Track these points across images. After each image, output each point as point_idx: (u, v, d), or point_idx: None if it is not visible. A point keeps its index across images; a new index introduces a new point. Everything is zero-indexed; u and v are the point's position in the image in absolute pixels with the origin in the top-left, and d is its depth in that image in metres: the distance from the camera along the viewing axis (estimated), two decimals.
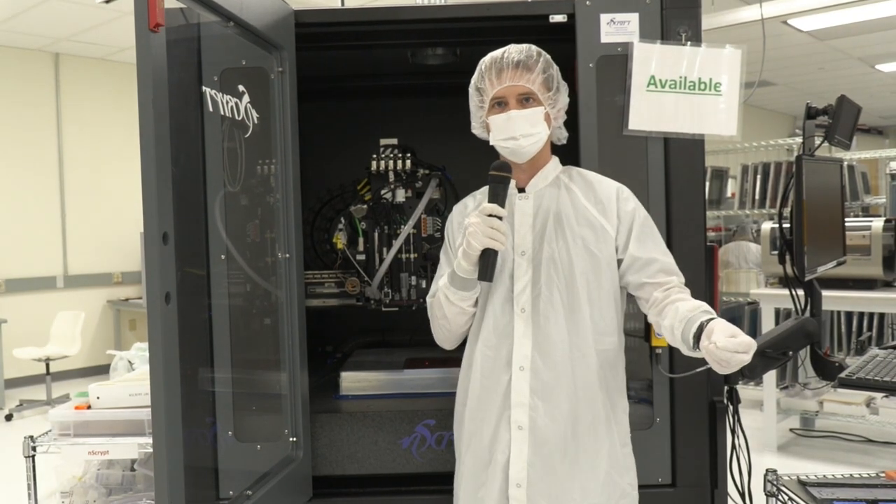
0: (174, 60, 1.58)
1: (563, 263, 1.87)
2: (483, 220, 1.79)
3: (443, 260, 2.04)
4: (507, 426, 1.87)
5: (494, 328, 1.90)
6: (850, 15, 7.90)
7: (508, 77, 1.87)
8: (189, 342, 1.78)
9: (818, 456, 4.81)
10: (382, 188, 2.68)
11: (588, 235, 1.88)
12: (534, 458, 1.85)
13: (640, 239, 1.90)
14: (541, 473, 1.84)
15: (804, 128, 2.33)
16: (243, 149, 2.11)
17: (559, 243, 1.88)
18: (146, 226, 1.43)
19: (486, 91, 1.89)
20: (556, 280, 1.86)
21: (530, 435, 1.85)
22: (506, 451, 1.87)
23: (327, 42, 2.51)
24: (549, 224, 1.89)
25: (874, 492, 2.02)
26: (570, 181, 1.96)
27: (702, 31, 2.23)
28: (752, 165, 6.21)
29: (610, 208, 1.91)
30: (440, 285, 1.94)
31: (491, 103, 1.89)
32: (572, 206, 1.91)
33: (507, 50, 1.90)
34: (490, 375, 1.89)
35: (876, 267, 4.54)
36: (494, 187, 1.83)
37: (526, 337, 1.87)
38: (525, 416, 1.85)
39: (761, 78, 3.81)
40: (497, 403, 1.88)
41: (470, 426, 1.94)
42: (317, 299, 2.77)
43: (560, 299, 1.86)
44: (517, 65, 1.87)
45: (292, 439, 2.22)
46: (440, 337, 2.03)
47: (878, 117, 15.31)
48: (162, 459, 1.43)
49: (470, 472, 1.93)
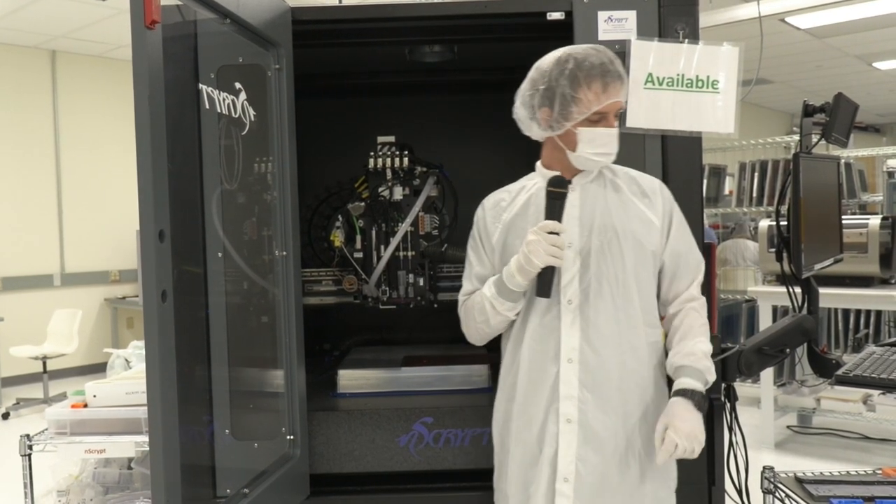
0: (170, 57, 1.58)
1: (615, 255, 1.87)
2: (544, 238, 1.79)
3: (472, 257, 2.03)
4: (555, 419, 1.87)
5: (541, 321, 1.90)
6: (847, 13, 7.91)
7: (615, 92, 1.82)
8: (186, 340, 1.78)
9: (815, 453, 4.82)
10: (380, 186, 2.68)
11: (638, 228, 1.90)
12: (583, 452, 1.85)
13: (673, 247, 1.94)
14: (590, 468, 1.84)
15: (801, 125, 2.33)
16: (240, 146, 2.11)
17: (609, 235, 1.88)
18: (142, 223, 1.42)
19: (584, 102, 1.80)
20: (607, 272, 1.87)
21: (580, 428, 1.85)
22: (553, 444, 1.87)
23: (324, 39, 2.51)
24: (598, 216, 1.89)
25: (871, 489, 2.02)
26: (615, 176, 1.96)
27: (699, 29, 2.23)
28: (750, 163, 6.21)
29: (655, 202, 1.94)
30: (487, 295, 1.92)
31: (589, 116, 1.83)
32: (619, 199, 1.92)
33: (604, 59, 1.81)
34: (538, 369, 1.89)
35: (873, 264, 4.54)
36: (552, 203, 1.83)
37: (574, 328, 1.87)
38: (574, 408, 1.85)
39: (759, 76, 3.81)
40: (545, 396, 1.88)
41: (518, 422, 1.93)
42: (314, 297, 2.77)
43: (611, 291, 1.87)
44: (620, 78, 1.82)
45: (290, 437, 2.22)
46: (475, 338, 2.04)
47: (875, 115, 15.33)
48: (158, 458, 1.43)
49: (519, 467, 1.93)
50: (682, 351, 1.90)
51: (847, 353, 5.71)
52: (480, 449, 2.32)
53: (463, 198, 2.88)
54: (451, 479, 2.35)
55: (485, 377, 2.54)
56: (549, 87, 1.83)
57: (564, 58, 1.84)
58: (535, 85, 1.87)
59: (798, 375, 5.32)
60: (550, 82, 1.83)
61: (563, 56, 1.84)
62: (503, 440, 2.01)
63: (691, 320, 1.94)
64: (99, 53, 8.06)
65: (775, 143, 6.44)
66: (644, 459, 1.89)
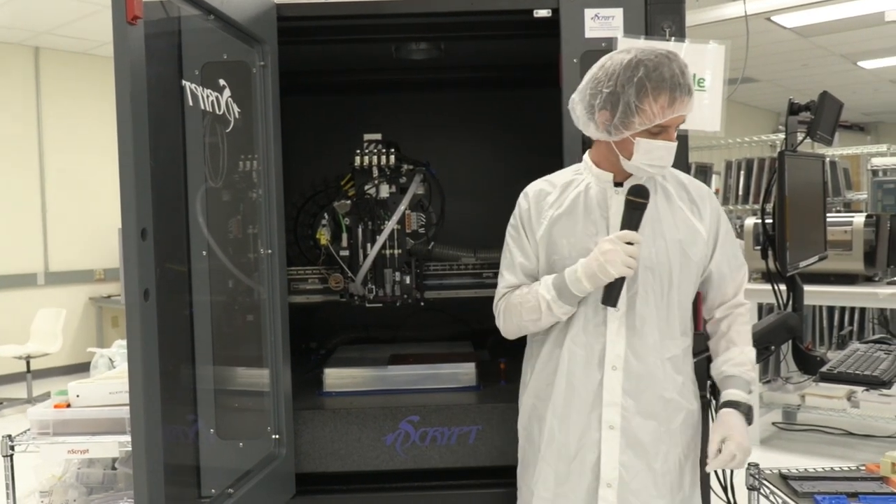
0: (153, 54, 1.56)
1: (662, 265, 1.86)
2: (622, 248, 1.76)
3: (514, 248, 1.98)
4: (597, 425, 1.87)
5: (585, 326, 1.88)
6: (832, 12, 7.96)
7: (680, 107, 1.76)
8: (170, 339, 1.76)
9: (800, 449, 4.84)
10: (366, 184, 2.66)
11: (685, 238, 1.89)
12: (626, 459, 1.86)
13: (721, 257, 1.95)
14: (633, 473, 1.86)
15: (787, 124, 2.34)
16: (225, 144, 2.09)
17: (658, 244, 1.86)
18: (124, 222, 1.41)
19: (648, 114, 1.74)
20: (652, 281, 1.86)
21: (622, 435, 1.86)
22: (595, 450, 1.87)
23: (310, 36, 2.50)
24: (646, 224, 1.85)
25: (854, 485, 2.03)
26: (664, 180, 1.93)
27: (686, 27, 2.23)
28: (736, 161, 6.23)
29: (704, 211, 1.92)
30: (545, 296, 1.86)
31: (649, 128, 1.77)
32: (668, 206, 1.90)
33: (675, 71, 1.74)
34: (580, 374, 1.88)
35: (857, 262, 4.57)
36: (631, 213, 1.80)
37: (619, 336, 1.86)
38: (617, 415, 1.86)
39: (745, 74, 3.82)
40: (588, 402, 1.88)
41: (553, 422, 1.92)
42: (300, 295, 2.75)
43: (654, 301, 1.87)
44: (689, 92, 1.76)
45: (275, 436, 2.20)
46: (514, 333, 2.01)
47: (860, 114, 15.43)
48: (141, 458, 1.42)
49: (552, 468, 1.92)
50: (732, 359, 1.94)
51: (831, 350, 5.75)
52: (467, 447, 2.32)
53: (450, 195, 2.88)
54: (437, 477, 2.35)
55: (472, 375, 2.54)
56: (614, 91, 1.75)
57: (634, 63, 1.74)
58: (599, 86, 1.78)
59: (783, 372, 5.35)
60: (616, 87, 1.75)
61: (633, 61, 1.74)
62: (531, 437, 1.99)
63: (739, 327, 1.97)
64: (83, 50, 8.00)
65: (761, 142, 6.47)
66: (685, 464, 1.92)
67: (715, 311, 2.00)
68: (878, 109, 14.97)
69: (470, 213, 3.17)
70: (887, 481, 2.05)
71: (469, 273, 2.79)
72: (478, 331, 3.14)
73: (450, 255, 2.84)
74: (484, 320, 3.11)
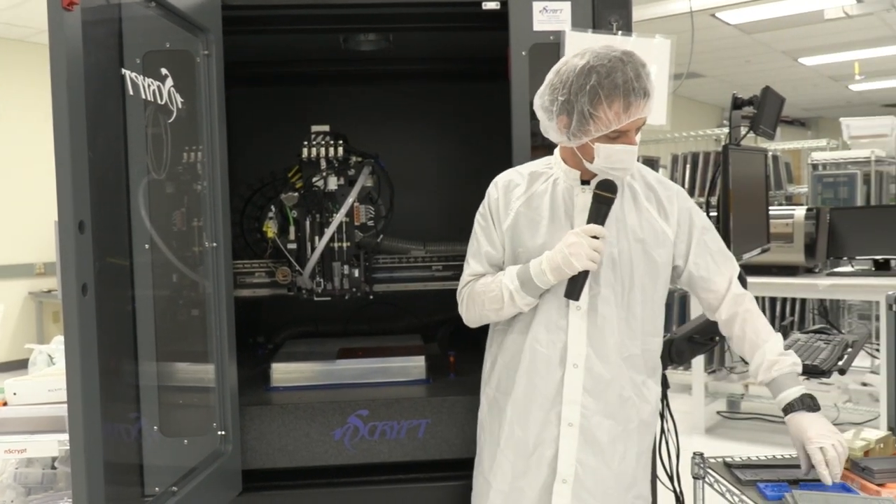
0: (91, 42, 1.51)
1: (624, 265, 1.86)
2: (587, 242, 1.76)
3: (481, 237, 1.97)
4: (556, 422, 1.87)
5: (547, 324, 1.88)
6: (774, 9, 8.14)
7: (636, 111, 1.73)
8: (111, 335, 1.72)
9: (744, 437, 4.96)
10: (314, 176, 2.63)
11: (648, 238, 1.88)
12: (583, 456, 1.87)
13: (698, 255, 1.93)
14: (589, 471, 1.87)
15: (730, 118, 2.38)
16: (168, 135, 2.04)
17: (620, 244, 1.86)
18: (60, 214, 1.36)
19: (604, 121, 1.72)
20: (614, 281, 1.86)
21: (580, 433, 1.86)
22: (553, 447, 1.88)
23: (256, 26, 2.45)
24: (611, 224, 1.85)
25: (796, 472, 2.07)
26: (632, 180, 1.92)
27: (632, 22, 2.25)
28: (682, 155, 6.34)
29: (671, 212, 1.91)
30: (508, 286, 1.86)
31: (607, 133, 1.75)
32: (634, 206, 1.89)
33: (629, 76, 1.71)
34: (541, 371, 1.88)
35: (798, 254, 4.68)
36: (598, 207, 1.80)
37: (581, 334, 1.86)
38: (577, 413, 1.86)
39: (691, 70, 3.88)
40: (549, 398, 1.88)
41: (513, 417, 1.93)
42: (247, 289, 2.71)
43: (616, 301, 1.87)
44: (645, 95, 1.73)
45: (221, 433, 2.17)
46: (476, 321, 2.00)
47: (800, 109, 15.83)
48: (79, 457, 1.38)
49: (510, 462, 1.93)
50: (763, 364, 1.91)
51: None
52: (416, 441, 2.32)
53: (399, 188, 2.86)
54: (387, 471, 2.34)
55: (421, 369, 2.53)
56: (568, 99, 1.74)
57: (587, 69, 1.72)
58: (555, 93, 1.77)
59: (727, 362, 5.47)
60: (570, 95, 1.74)
61: (586, 67, 1.73)
62: (491, 429, 2.00)
63: (751, 325, 1.94)
64: (20, 38, 7.75)
65: (706, 136, 6.59)
66: (640, 461, 1.94)
67: (719, 312, 1.97)
68: (818, 105, 15.37)
69: (420, 206, 3.16)
70: None
71: (419, 266, 2.78)
72: (428, 324, 3.13)
73: (399, 248, 2.83)
74: (434, 313, 3.13)
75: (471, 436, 2.17)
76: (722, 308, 1.96)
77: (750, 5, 7.93)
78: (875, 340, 5.64)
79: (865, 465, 1.98)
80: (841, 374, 2.45)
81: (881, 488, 1.91)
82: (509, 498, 1.93)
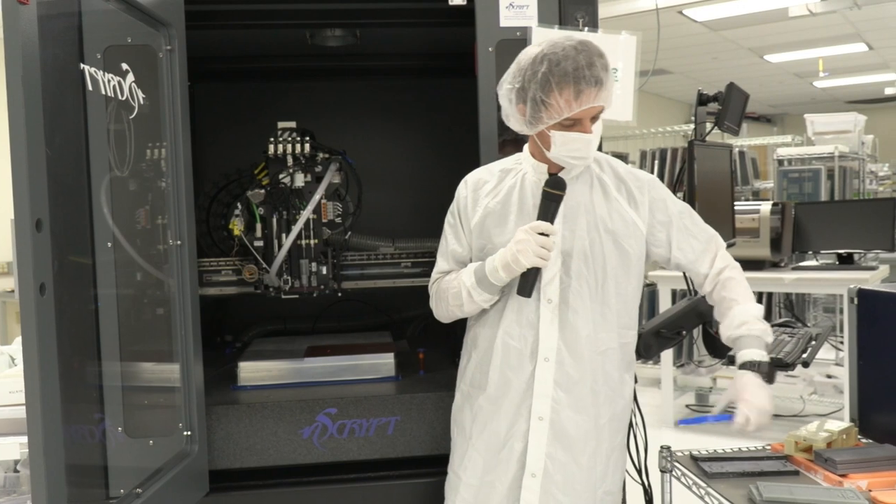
0: (49, 36, 1.48)
1: (595, 257, 1.85)
2: (534, 239, 1.76)
3: (449, 235, 1.98)
4: (526, 416, 1.87)
5: (518, 318, 1.88)
6: (740, 6, 8.22)
7: (589, 99, 1.72)
8: (72, 335, 1.69)
9: (712, 430, 5.00)
10: (281, 172, 2.61)
11: (619, 230, 1.87)
12: (552, 450, 1.86)
13: (681, 241, 1.93)
14: (558, 465, 1.86)
15: (696, 114, 2.40)
16: (131, 131, 2.01)
17: (591, 236, 1.85)
18: (17, 212, 1.34)
19: (555, 108, 1.73)
20: (586, 274, 1.85)
21: (550, 427, 1.86)
22: (523, 441, 1.88)
23: (221, 21, 2.42)
24: (581, 216, 1.85)
25: (760, 464, 2.10)
26: (602, 172, 1.92)
27: (598, 19, 2.26)
28: (651, 151, 6.39)
29: (641, 203, 1.90)
30: (466, 283, 1.88)
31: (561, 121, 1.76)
32: (604, 198, 1.88)
33: (579, 61, 1.71)
34: (513, 365, 1.88)
35: (764, 248, 4.74)
36: (547, 204, 1.80)
37: (552, 328, 1.86)
38: (547, 407, 1.86)
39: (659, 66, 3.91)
40: (520, 392, 1.87)
41: (485, 411, 1.93)
42: (213, 287, 2.68)
43: (589, 293, 1.86)
44: (597, 83, 1.72)
45: (187, 433, 2.14)
46: (444, 317, 2.01)
47: (767, 106, 16.03)
48: (39, 461, 1.35)
49: (481, 456, 1.93)
50: (733, 322, 1.90)
51: None
52: (385, 438, 2.31)
53: (367, 185, 2.85)
54: (356, 469, 2.33)
55: (390, 366, 2.52)
56: (523, 87, 1.76)
57: (540, 57, 1.73)
58: (514, 81, 1.79)
59: (695, 356, 5.52)
60: (524, 82, 1.75)
61: (540, 55, 1.74)
62: (463, 424, 2.00)
63: (729, 290, 1.93)
64: None
65: (674, 132, 6.65)
66: (611, 457, 1.94)
67: (703, 287, 1.99)
68: (783, 101, 15.58)
69: (388, 203, 3.15)
70: (791, 459, 2.13)
71: (388, 263, 2.77)
72: (397, 321, 3.12)
73: (368, 244, 2.81)
74: (403, 310, 3.12)
75: (440, 432, 2.17)
76: (706, 283, 1.98)
77: (716, 3, 8.01)
78: (840, 333, 5.73)
79: (828, 456, 2.01)
80: (805, 367, 2.48)
81: (843, 479, 1.94)
82: (480, 492, 1.94)
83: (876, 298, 2.23)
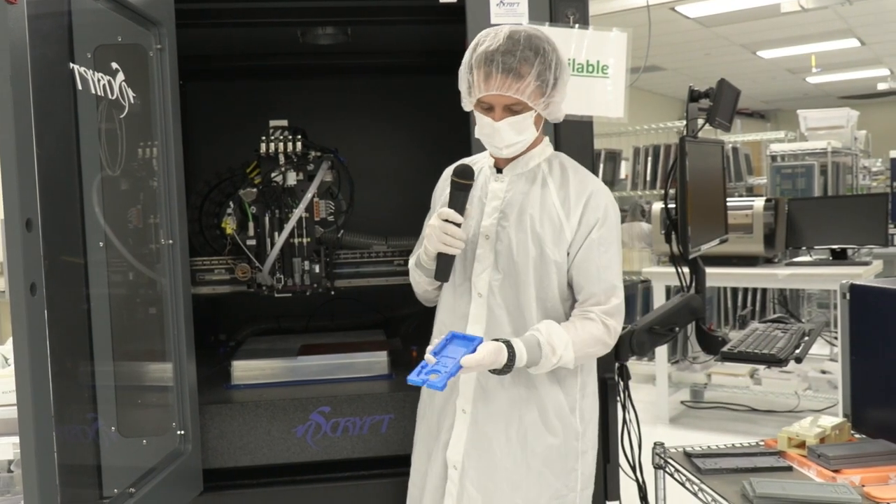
0: (38, 35, 1.48)
1: (519, 257, 1.83)
2: (440, 226, 1.77)
3: (426, 223, 1.97)
4: (452, 408, 1.88)
5: (450, 308, 1.91)
6: (732, 2, 8.24)
7: (496, 85, 1.71)
8: (65, 335, 1.68)
9: (707, 426, 5.02)
10: (273, 171, 2.61)
11: (546, 235, 1.83)
12: (470, 445, 1.86)
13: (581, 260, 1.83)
14: (474, 461, 1.85)
15: (687, 110, 2.39)
16: (122, 130, 2.01)
17: (518, 236, 1.83)
18: (6, 212, 1.33)
19: (473, 87, 1.75)
20: (513, 270, 1.84)
21: (471, 421, 1.86)
22: (448, 432, 1.89)
23: (212, 19, 2.42)
24: (514, 214, 1.85)
25: (754, 460, 2.11)
26: (550, 173, 1.89)
27: (589, 16, 2.26)
28: (644, 147, 6.39)
29: (575, 211, 1.84)
30: (411, 264, 1.98)
31: (476, 100, 1.77)
32: (541, 200, 1.85)
33: (499, 46, 1.70)
34: None
35: (757, 244, 4.75)
36: (455, 194, 1.80)
37: (479, 322, 1.85)
38: (469, 401, 1.86)
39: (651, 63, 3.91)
40: (452, 384, 1.87)
41: (424, 402, 1.99)
42: (206, 286, 2.68)
43: (513, 290, 1.84)
44: (508, 71, 1.69)
45: (180, 432, 2.14)
46: (420, 298, 2.07)
47: (760, 102, 16.07)
48: (31, 461, 1.35)
49: (423, 443, 1.98)
50: (540, 325, 1.79)
51: (734, 330, 5.97)
52: (379, 437, 2.31)
53: (359, 183, 2.85)
54: (350, 468, 2.33)
55: (384, 364, 2.52)
56: (463, 62, 1.80)
57: (478, 39, 1.77)
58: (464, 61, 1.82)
59: (690, 353, 5.53)
60: (465, 58, 1.79)
61: (479, 37, 1.77)
62: (420, 413, 2.04)
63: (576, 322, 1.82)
64: None
65: (667, 128, 6.65)
66: (528, 471, 1.85)
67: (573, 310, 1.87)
68: (776, 97, 15.61)
69: (380, 201, 3.15)
70: (784, 455, 2.14)
71: (381, 261, 2.77)
72: (390, 319, 3.12)
73: (360, 242, 2.81)
74: (396, 308, 3.12)
75: None
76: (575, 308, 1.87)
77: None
78: (834, 328, 5.75)
79: (821, 451, 2.02)
80: (797, 363, 2.48)
81: (836, 474, 1.95)
82: (423, 480, 1.97)
83: (868, 294, 2.24)
